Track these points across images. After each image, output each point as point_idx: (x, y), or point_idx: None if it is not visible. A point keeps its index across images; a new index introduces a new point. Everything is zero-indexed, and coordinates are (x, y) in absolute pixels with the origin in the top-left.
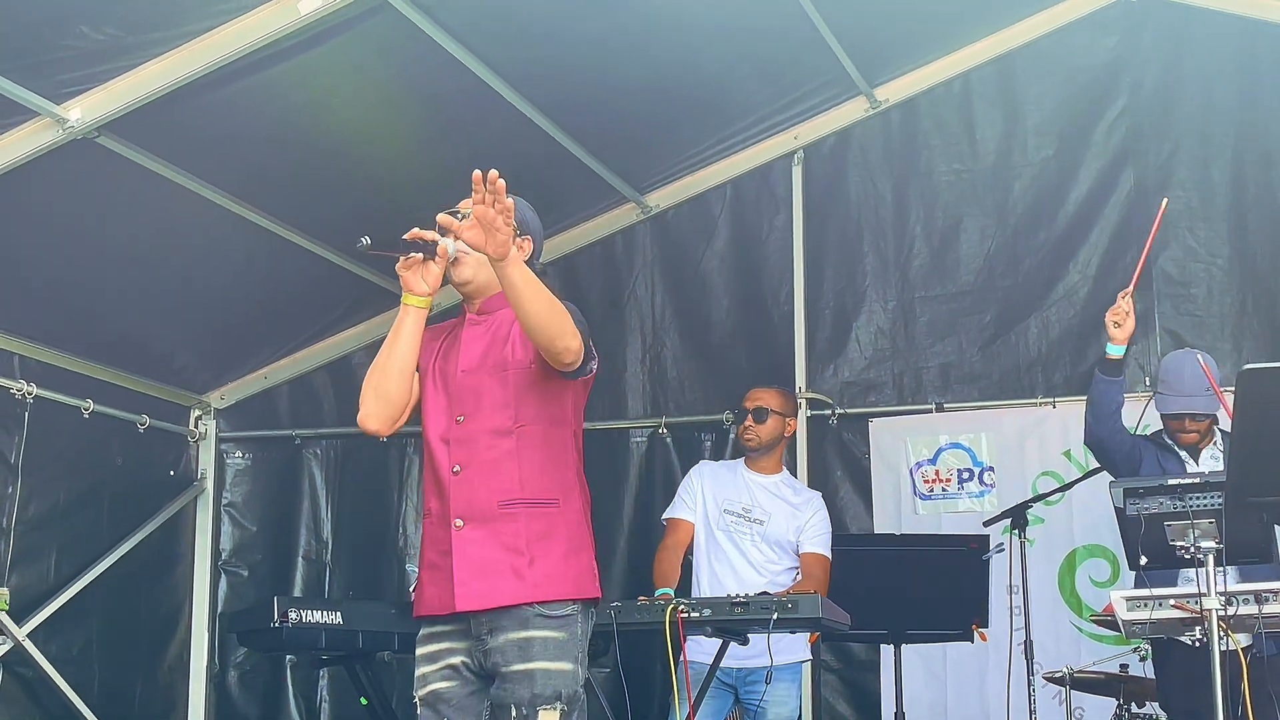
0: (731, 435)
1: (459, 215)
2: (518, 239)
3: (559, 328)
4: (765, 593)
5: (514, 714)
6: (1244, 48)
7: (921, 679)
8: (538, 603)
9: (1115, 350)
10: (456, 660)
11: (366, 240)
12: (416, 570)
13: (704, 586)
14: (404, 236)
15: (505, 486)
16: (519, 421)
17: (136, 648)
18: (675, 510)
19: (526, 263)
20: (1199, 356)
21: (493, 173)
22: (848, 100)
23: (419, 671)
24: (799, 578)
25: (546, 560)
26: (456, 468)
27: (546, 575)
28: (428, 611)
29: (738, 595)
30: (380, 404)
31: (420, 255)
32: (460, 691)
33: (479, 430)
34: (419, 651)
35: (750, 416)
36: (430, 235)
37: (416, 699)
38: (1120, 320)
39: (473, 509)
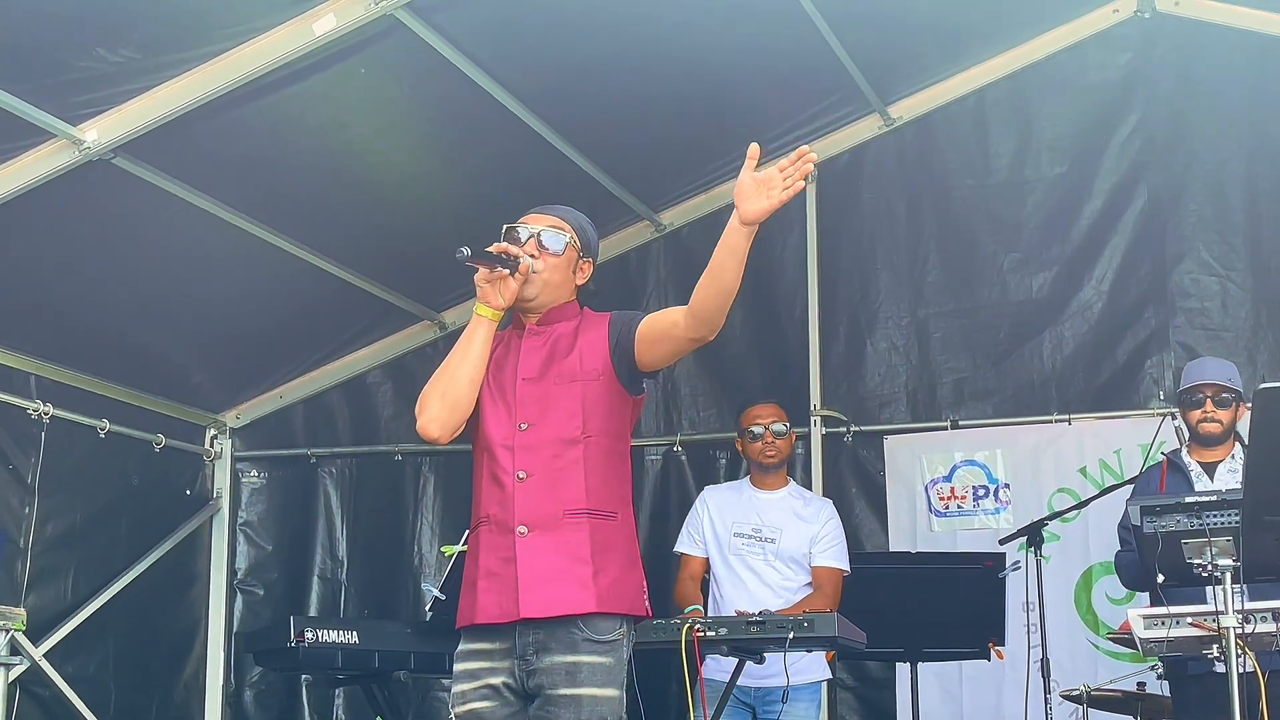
0: None
1: (519, 233)
2: (580, 261)
3: (728, 304)
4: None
5: None
6: (1257, 63)
7: (937, 697)
8: (591, 611)
9: None
10: (497, 680)
11: (467, 251)
12: (433, 590)
13: (719, 612)
14: (490, 249)
15: (572, 495)
16: (587, 432)
17: (153, 667)
18: (683, 545)
19: (581, 286)
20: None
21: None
22: (861, 118)
23: (457, 688)
24: None
25: (609, 572)
26: (522, 473)
27: (610, 588)
28: (484, 619)
29: (753, 614)
30: (447, 411)
31: (506, 270)
32: (500, 713)
33: (545, 438)
34: (458, 667)
35: (770, 433)
36: (515, 250)
37: (453, 715)
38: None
39: (538, 516)
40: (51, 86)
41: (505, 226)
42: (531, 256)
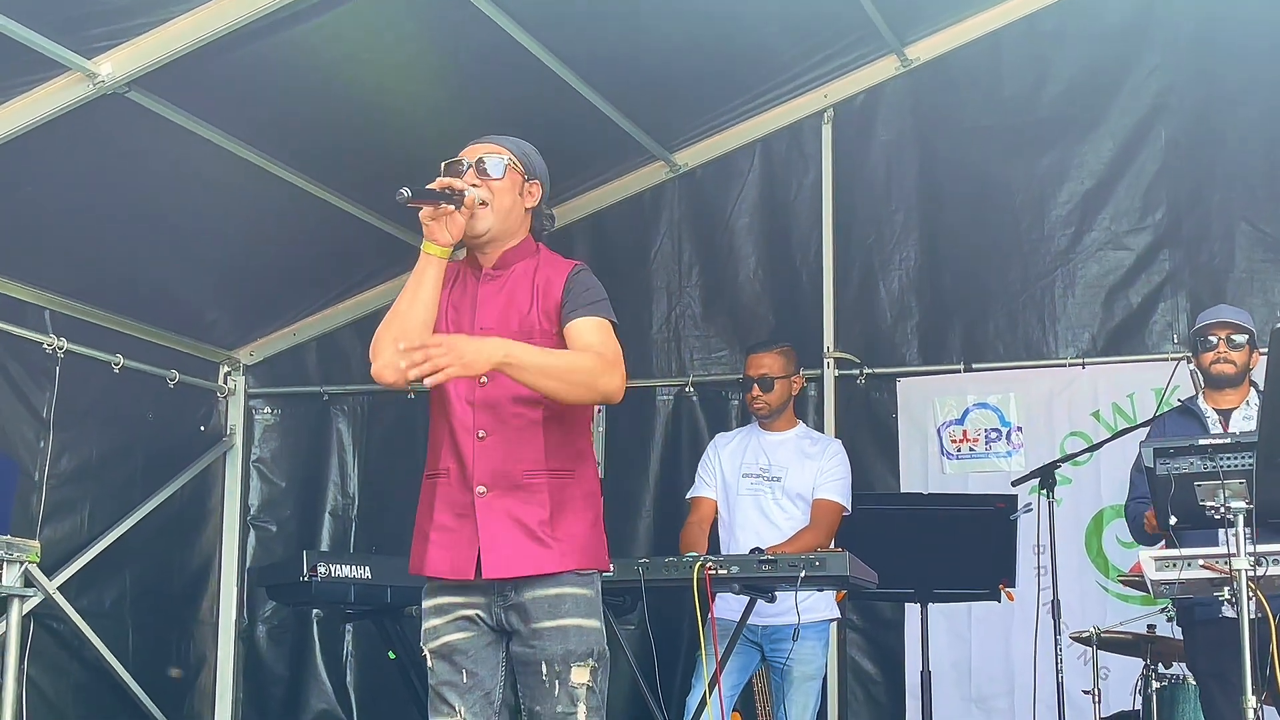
0: None
1: (462, 165)
2: (526, 184)
3: (588, 382)
4: (757, 548)
5: (544, 671)
6: (1278, 5)
7: (945, 639)
8: (552, 572)
9: None
10: (471, 612)
11: (407, 192)
12: None
13: (727, 550)
14: (432, 186)
15: (531, 456)
16: None
17: (166, 602)
18: (696, 489)
19: (534, 208)
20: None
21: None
22: (878, 58)
23: (428, 624)
24: None
25: (570, 531)
26: (481, 433)
27: (572, 546)
28: (439, 575)
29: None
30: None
31: (451, 206)
32: (478, 643)
33: (504, 396)
34: (427, 604)
35: (756, 386)
36: (460, 185)
37: (426, 651)
38: None
39: (497, 476)
40: (66, 20)
41: (445, 162)
42: (474, 186)
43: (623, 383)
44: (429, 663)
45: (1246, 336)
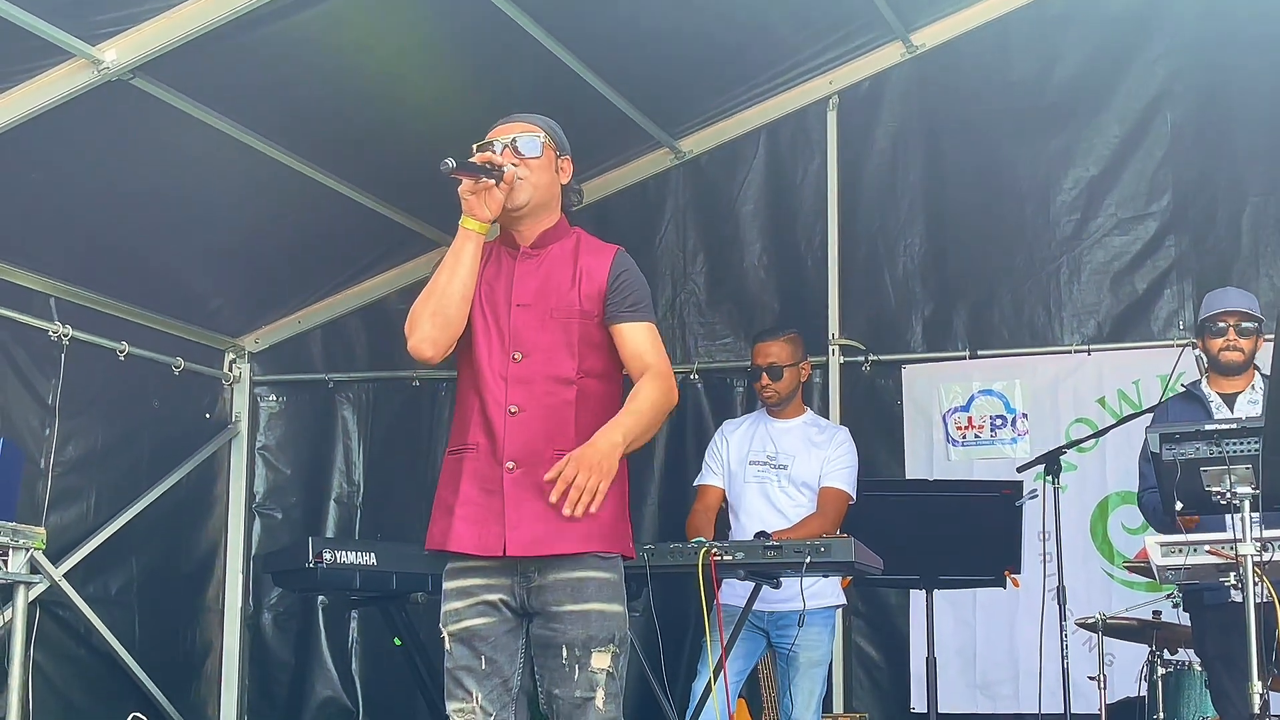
0: None
1: (492, 147)
2: (559, 160)
3: (668, 408)
4: (762, 532)
5: (565, 655)
6: None
7: (950, 625)
8: (576, 552)
9: None
10: (494, 597)
11: (452, 162)
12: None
13: (733, 537)
14: (473, 160)
15: (563, 434)
16: (581, 372)
17: (172, 589)
18: (703, 477)
19: (565, 185)
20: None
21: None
22: (884, 45)
23: (450, 606)
24: None
25: (599, 514)
26: (514, 408)
27: (597, 527)
28: (466, 550)
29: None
30: (439, 329)
31: (491, 180)
32: (498, 629)
33: (539, 373)
34: (449, 585)
35: (765, 375)
36: (499, 160)
37: (445, 633)
38: None
39: (528, 453)
40: (71, 6)
41: (475, 145)
42: (513, 165)
43: (675, 386)
44: (447, 645)
45: (1255, 324)
